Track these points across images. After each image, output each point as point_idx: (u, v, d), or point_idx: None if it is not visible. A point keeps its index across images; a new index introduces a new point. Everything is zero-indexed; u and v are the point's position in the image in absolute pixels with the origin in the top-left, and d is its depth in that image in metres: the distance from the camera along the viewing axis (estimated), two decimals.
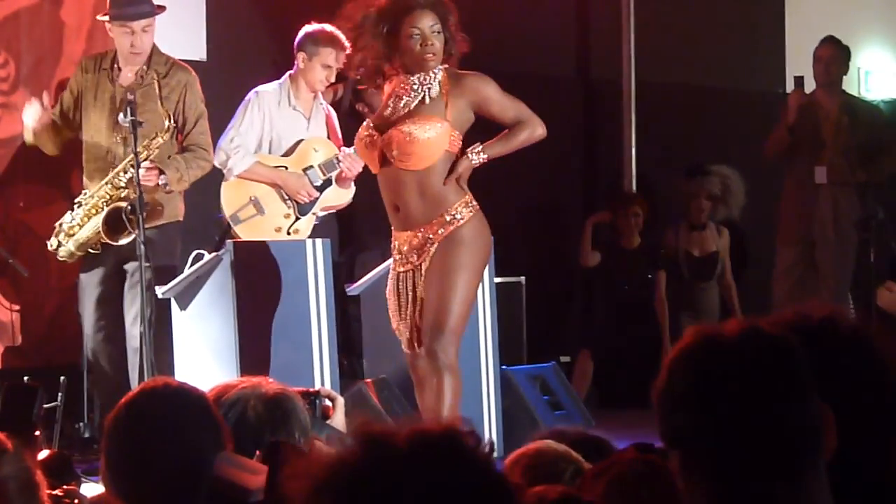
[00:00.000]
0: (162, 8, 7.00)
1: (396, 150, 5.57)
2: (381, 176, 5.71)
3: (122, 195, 6.75)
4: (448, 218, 5.59)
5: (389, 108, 5.68)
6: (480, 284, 6.82)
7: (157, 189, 6.80)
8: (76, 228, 6.88)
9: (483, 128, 5.80)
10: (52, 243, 6.93)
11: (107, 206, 6.81)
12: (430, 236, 5.61)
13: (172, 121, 6.82)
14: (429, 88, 5.62)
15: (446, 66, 5.68)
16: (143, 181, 6.61)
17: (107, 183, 6.82)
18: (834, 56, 8.86)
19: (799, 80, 8.87)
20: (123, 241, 6.69)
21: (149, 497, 2.76)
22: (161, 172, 6.79)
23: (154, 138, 6.79)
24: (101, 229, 6.76)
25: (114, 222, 6.72)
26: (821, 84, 8.86)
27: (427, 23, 5.57)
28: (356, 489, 1.65)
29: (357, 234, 8.33)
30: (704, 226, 9.66)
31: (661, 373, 2.00)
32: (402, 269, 5.72)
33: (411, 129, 5.57)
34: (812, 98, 8.83)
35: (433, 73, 5.63)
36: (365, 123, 5.78)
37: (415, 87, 5.63)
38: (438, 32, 5.60)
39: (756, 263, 10.00)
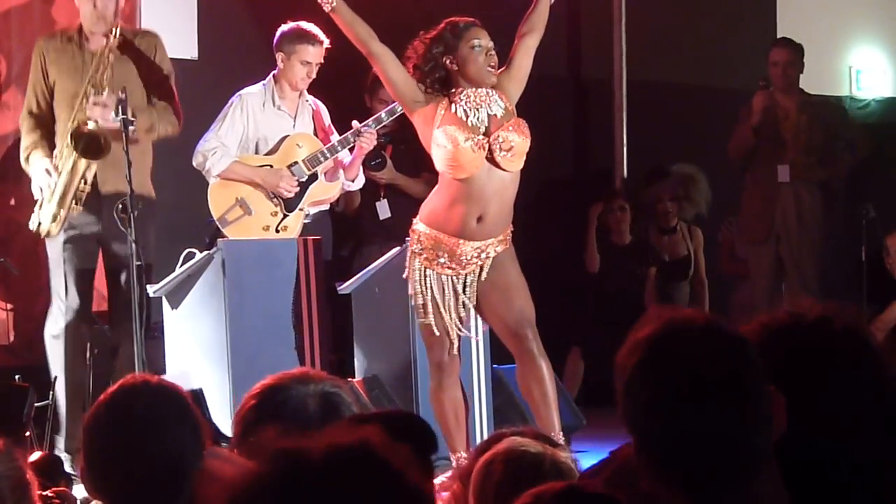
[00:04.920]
0: None
1: (509, 151, 5.80)
2: (476, 181, 5.81)
3: (90, 126, 6.58)
4: (502, 236, 5.91)
5: (471, 118, 5.83)
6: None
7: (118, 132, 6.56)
8: (52, 195, 6.73)
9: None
10: (32, 222, 6.81)
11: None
12: (489, 251, 5.88)
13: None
14: (499, 102, 5.88)
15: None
16: (103, 120, 6.52)
17: (71, 121, 6.66)
18: (790, 59, 9.02)
19: (765, 83, 8.97)
20: (101, 160, 6.57)
21: (128, 494, 2.74)
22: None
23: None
24: (75, 154, 6.59)
25: (85, 145, 6.57)
26: (779, 87, 8.99)
27: (487, 39, 5.89)
28: None
29: (358, 229, 8.22)
30: (675, 228, 9.67)
31: (622, 369, 1.98)
32: (448, 273, 5.90)
33: (514, 134, 5.85)
34: (772, 99, 8.94)
35: (490, 91, 5.87)
36: (454, 132, 5.80)
37: (485, 99, 5.86)
38: (493, 51, 5.90)
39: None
